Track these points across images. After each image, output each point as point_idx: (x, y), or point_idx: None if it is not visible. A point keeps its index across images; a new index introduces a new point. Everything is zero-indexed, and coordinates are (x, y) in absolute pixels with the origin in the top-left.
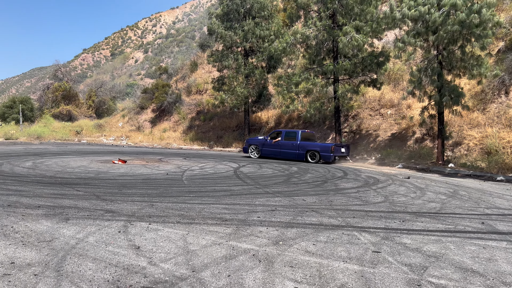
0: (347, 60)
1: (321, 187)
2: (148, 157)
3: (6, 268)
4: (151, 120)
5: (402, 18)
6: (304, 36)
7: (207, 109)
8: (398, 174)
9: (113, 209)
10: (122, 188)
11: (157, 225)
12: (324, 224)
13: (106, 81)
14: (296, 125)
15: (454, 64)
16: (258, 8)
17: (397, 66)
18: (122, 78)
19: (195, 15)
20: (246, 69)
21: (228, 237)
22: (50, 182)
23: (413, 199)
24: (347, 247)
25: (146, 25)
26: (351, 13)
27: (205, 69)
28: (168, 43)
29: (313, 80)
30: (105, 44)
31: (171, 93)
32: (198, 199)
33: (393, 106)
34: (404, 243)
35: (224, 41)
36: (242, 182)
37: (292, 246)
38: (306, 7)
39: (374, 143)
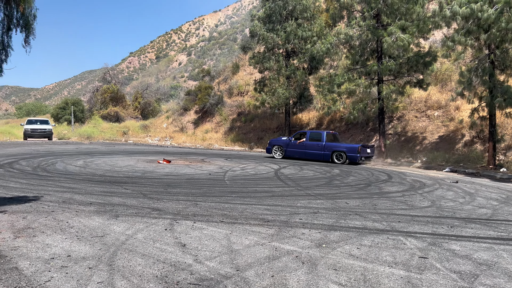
0: (392, 60)
1: (365, 190)
2: (191, 157)
3: (63, 260)
4: (194, 121)
5: (452, 16)
6: (347, 37)
7: (248, 111)
8: (446, 178)
9: (159, 207)
10: (167, 187)
11: (201, 224)
12: (368, 228)
13: (151, 83)
14: (338, 127)
15: (507, 64)
16: (300, 9)
17: (444, 66)
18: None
19: (237, 17)
20: (288, 70)
21: (271, 238)
22: (100, 180)
23: (462, 204)
24: (392, 252)
25: (190, 29)
26: (396, 13)
27: (247, 71)
28: (211, 45)
29: (356, 81)
30: (151, 48)
31: (213, 94)
32: (240, 200)
33: (440, 107)
34: (452, 250)
35: (266, 43)
36: (283, 183)
37: (336, 249)
38: (349, 7)
39: (420, 145)
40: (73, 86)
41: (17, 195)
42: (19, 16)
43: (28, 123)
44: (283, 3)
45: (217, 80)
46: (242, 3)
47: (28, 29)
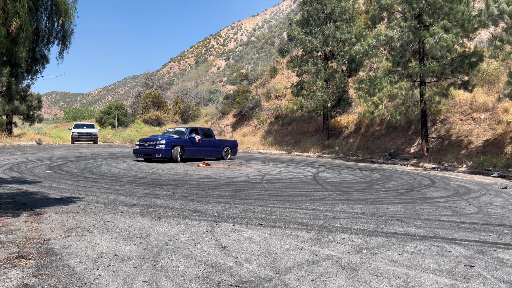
0: (435, 61)
1: (407, 195)
2: (229, 161)
3: (110, 259)
4: (232, 125)
5: (500, 14)
6: (387, 38)
7: (285, 114)
8: (493, 184)
9: (199, 210)
10: (207, 190)
11: (240, 227)
12: (411, 234)
13: (191, 88)
14: (377, 130)
15: None
16: (339, 11)
17: (491, 66)
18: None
19: (274, 21)
20: (326, 73)
21: (310, 242)
22: (143, 182)
23: (511, 211)
24: (436, 259)
25: (228, 33)
26: (439, 12)
27: (284, 75)
28: (249, 50)
29: (397, 83)
30: (190, 53)
31: (251, 98)
32: (278, 203)
33: (487, 110)
34: (501, 258)
35: (304, 46)
36: (321, 187)
37: (377, 255)
38: (389, 8)
39: (465, 149)
40: (117, 91)
41: (66, 196)
42: (58, 29)
43: (75, 127)
44: (321, 6)
45: (254, 84)
46: (280, 6)
47: (64, 43)
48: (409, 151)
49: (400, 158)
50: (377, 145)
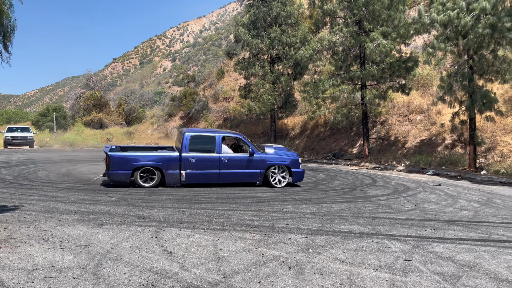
0: (374, 66)
1: (350, 194)
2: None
3: (47, 271)
4: (179, 127)
5: (431, 23)
6: (330, 43)
7: (233, 116)
8: (429, 181)
9: (144, 215)
10: (152, 195)
11: (187, 231)
12: (354, 231)
13: (135, 89)
14: (322, 131)
15: (485, 69)
16: (284, 15)
17: (426, 71)
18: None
19: (221, 23)
20: (272, 76)
21: (258, 243)
22: (84, 188)
23: (444, 207)
24: (377, 255)
25: (174, 34)
26: (378, 19)
27: (232, 77)
28: (195, 51)
29: (340, 86)
30: (134, 53)
31: (198, 100)
32: (226, 206)
33: (422, 112)
34: (436, 252)
35: (251, 48)
36: (269, 189)
37: (322, 254)
38: (332, 13)
39: (403, 149)
40: (55, 93)
41: None
42: None
43: (8, 130)
44: (267, 9)
45: (202, 86)
46: (226, 9)
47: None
48: (352, 151)
49: (343, 158)
50: (322, 146)
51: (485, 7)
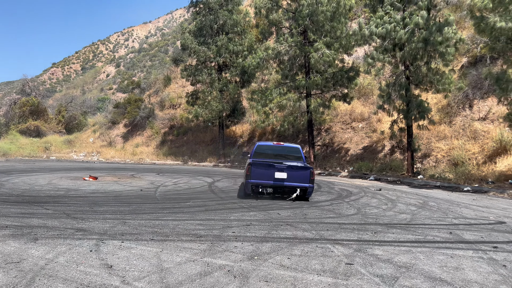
0: (319, 75)
1: (296, 200)
2: (120, 173)
3: None
4: (123, 135)
5: (370, 35)
6: (276, 52)
7: (180, 124)
8: (370, 186)
9: (84, 228)
10: (93, 206)
11: (130, 243)
12: (299, 237)
13: (77, 96)
14: (270, 139)
15: (420, 79)
16: (231, 24)
17: (367, 81)
18: (93, 92)
19: (168, 29)
20: (220, 83)
21: (203, 253)
22: (17, 201)
23: (384, 210)
24: (321, 260)
25: (118, 39)
26: (322, 30)
27: (179, 84)
28: (141, 57)
29: (286, 95)
30: (76, 58)
31: (144, 107)
32: (172, 216)
33: (364, 119)
34: (376, 255)
35: (198, 56)
36: (217, 197)
37: (267, 261)
38: (277, 23)
39: (346, 156)
40: None
41: None
42: None
43: None
44: (214, 17)
45: (147, 93)
46: (173, 15)
47: None
48: None
49: None
50: None
51: (418, 22)
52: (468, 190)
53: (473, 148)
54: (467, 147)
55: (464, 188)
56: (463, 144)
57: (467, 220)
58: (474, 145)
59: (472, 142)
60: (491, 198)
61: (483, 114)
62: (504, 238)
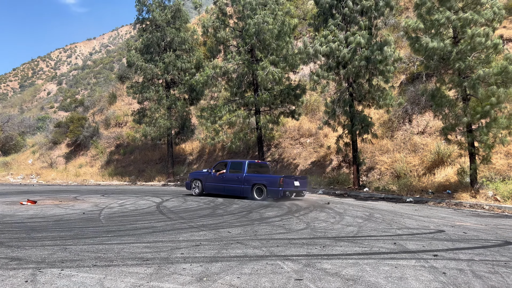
0: (267, 92)
1: (246, 217)
2: (61, 195)
3: None
4: (66, 155)
5: (315, 53)
6: (224, 70)
7: (127, 142)
8: (319, 200)
9: (19, 256)
10: (30, 232)
11: (70, 271)
12: (249, 255)
13: (14, 115)
14: (221, 156)
15: (363, 96)
16: (179, 41)
17: (313, 97)
18: (32, 111)
19: (113, 46)
20: (168, 100)
21: (149, 277)
22: None
23: (332, 224)
24: (270, 277)
25: (60, 56)
26: (268, 48)
27: (125, 101)
28: (85, 74)
29: (236, 111)
30: (13, 76)
31: (87, 126)
32: (117, 239)
33: (311, 135)
34: (324, 269)
35: (145, 73)
36: (165, 217)
37: (217, 281)
38: (225, 41)
39: (296, 171)
40: None
41: None
42: None
43: None
44: (161, 34)
45: (91, 111)
46: (118, 32)
47: None
48: None
49: None
50: None
51: (360, 41)
52: (410, 201)
53: (413, 161)
54: (408, 159)
55: (406, 199)
56: (405, 157)
57: (409, 230)
58: (415, 158)
59: (412, 154)
60: (431, 208)
61: (421, 128)
62: (443, 246)
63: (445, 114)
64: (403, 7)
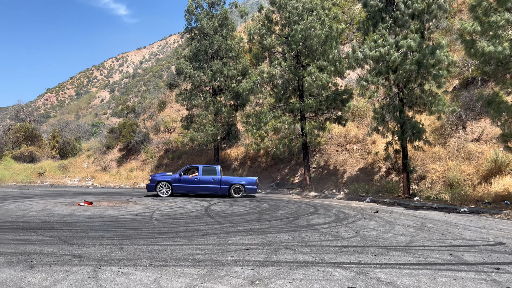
0: (313, 98)
1: (293, 223)
2: (115, 197)
3: None
4: (118, 159)
5: (364, 58)
6: (270, 76)
7: (175, 147)
8: (367, 208)
9: (81, 254)
10: (89, 231)
11: (128, 269)
12: (299, 261)
13: (71, 121)
14: (265, 161)
15: (414, 101)
16: (226, 49)
17: (360, 103)
18: (87, 117)
19: (162, 55)
20: (215, 107)
21: (203, 278)
22: (11, 227)
23: (383, 233)
24: (323, 284)
25: (113, 65)
26: (315, 54)
27: (174, 108)
28: (135, 82)
29: (281, 118)
30: (70, 84)
31: (138, 132)
32: (169, 240)
33: (358, 141)
34: (378, 278)
35: (193, 80)
36: (214, 221)
37: (269, 285)
38: (271, 48)
39: (342, 178)
40: None
41: None
42: None
43: None
44: (208, 42)
45: (142, 117)
46: (167, 40)
47: None
48: (294, 180)
49: (286, 188)
50: (265, 176)
51: (411, 45)
52: (465, 211)
53: (468, 169)
54: (462, 168)
55: (460, 209)
56: (458, 165)
57: (466, 241)
58: (469, 166)
59: (467, 163)
60: (488, 219)
61: (476, 135)
62: (505, 259)
63: (505, 121)
64: (456, 9)
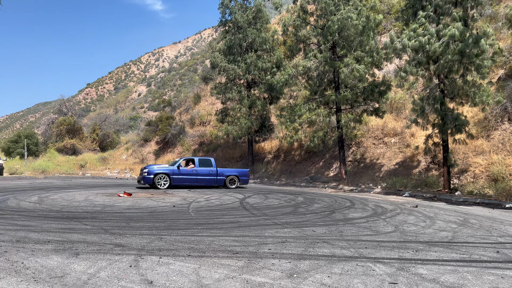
0: (349, 90)
1: (330, 217)
2: (153, 189)
3: None
4: (155, 152)
5: (403, 48)
6: (305, 68)
7: (210, 140)
8: (406, 203)
9: (122, 243)
10: (129, 221)
11: (168, 259)
12: (337, 255)
13: (110, 115)
14: (299, 154)
15: (456, 93)
16: (259, 42)
17: (398, 95)
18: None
19: (197, 49)
20: (249, 100)
21: (241, 270)
22: (57, 216)
23: (423, 228)
24: (363, 279)
25: (149, 60)
26: (351, 45)
27: (208, 101)
28: (171, 76)
29: (316, 110)
30: (109, 79)
31: (174, 125)
32: (206, 232)
33: (396, 134)
34: (420, 274)
35: (227, 74)
36: (249, 213)
37: (307, 279)
38: (306, 40)
39: (379, 171)
40: (26, 119)
41: None
42: None
43: None
44: (243, 36)
45: (178, 111)
46: (201, 35)
47: None
48: (329, 174)
49: (320, 181)
50: (299, 169)
51: (454, 34)
52: (510, 207)
53: None
54: (507, 162)
55: (506, 205)
56: (503, 159)
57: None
58: None
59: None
60: None
61: None
62: None
63: None
64: None
